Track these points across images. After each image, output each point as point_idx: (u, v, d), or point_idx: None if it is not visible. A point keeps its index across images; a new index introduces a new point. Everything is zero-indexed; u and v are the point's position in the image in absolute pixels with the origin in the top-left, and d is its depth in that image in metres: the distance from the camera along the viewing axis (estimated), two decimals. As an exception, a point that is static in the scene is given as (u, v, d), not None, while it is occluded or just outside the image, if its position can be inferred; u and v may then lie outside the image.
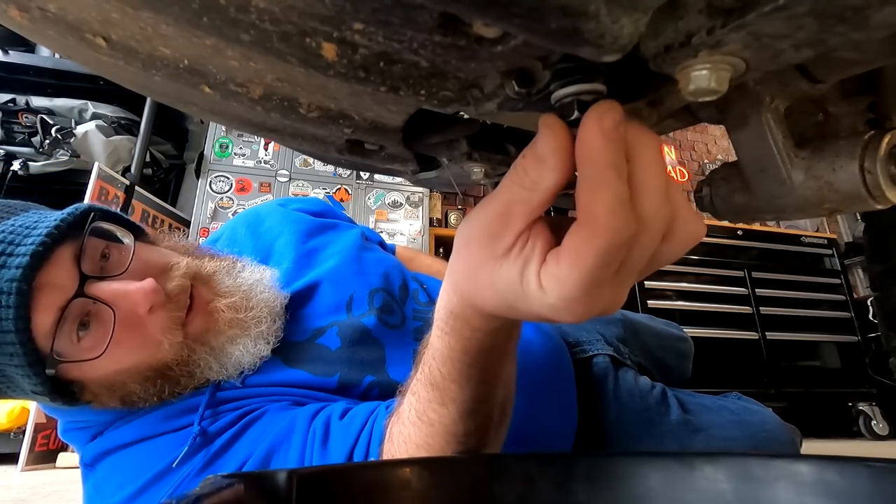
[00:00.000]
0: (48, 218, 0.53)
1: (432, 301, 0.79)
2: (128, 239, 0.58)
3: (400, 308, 0.74)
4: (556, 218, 0.29)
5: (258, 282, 0.65)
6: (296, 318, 0.68)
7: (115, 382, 0.55)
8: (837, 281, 3.07)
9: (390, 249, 0.95)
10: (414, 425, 0.43)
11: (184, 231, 2.60)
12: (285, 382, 0.62)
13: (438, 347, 0.38)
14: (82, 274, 0.52)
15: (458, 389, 0.39)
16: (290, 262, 0.74)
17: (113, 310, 0.52)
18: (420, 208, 3.06)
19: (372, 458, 0.50)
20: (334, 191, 2.97)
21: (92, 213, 0.56)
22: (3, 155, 2.48)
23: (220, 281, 0.62)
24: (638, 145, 0.25)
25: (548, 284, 0.26)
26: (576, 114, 0.26)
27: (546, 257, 0.26)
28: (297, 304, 0.70)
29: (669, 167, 4.15)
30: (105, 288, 0.53)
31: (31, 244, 0.49)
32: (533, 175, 0.26)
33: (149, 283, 0.54)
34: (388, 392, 0.59)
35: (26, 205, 0.58)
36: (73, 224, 0.53)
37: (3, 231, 0.50)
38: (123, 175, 2.47)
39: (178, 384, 0.58)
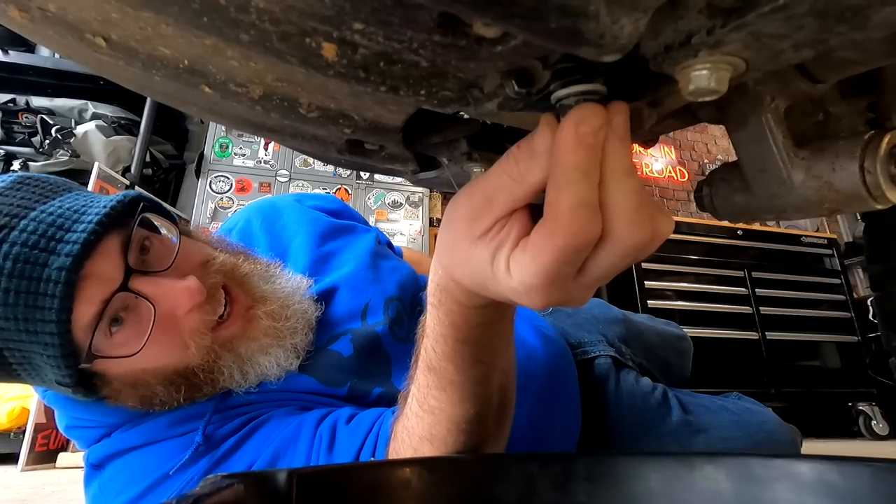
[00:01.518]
0: (97, 203, 0.51)
1: None
2: (173, 234, 0.56)
3: (409, 321, 0.72)
4: (538, 206, 0.29)
5: (296, 290, 0.63)
6: None
7: (139, 381, 0.53)
8: (837, 281, 3.07)
9: (397, 252, 0.93)
10: (416, 416, 0.43)
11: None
12: (295, 389, 0.61)
13: (431, 324, 0.39)
14: (128, 267, 0.50)
15: (454, 369, 0.39)
16: (306, 266, 0.72)
17: (154, 307, 0.50)
18: (420, 208, 3.06)
19: None
20: (334, 191, 2.97)
21: (141, 203, 0.54)
22: (3, 155, 2.48)
23: (256, 285, 0.60)
24: (608, 166, 0.25)
25: (514, 269, 0.27)
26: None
27: (519, 243, 0.27)
28: None
29: (669, 167, 4.15)
30: (150, 284, 0.51)
31: (83, 231, 0.47)
32: (522, 167, 0.27)
33: (193, 282, 0.52)
34: (395, 402, 0.59)
35: (66, 182, 0.55)
36: (122, 212, 0.51)
37: (51, 213, 0.48)
38: (123, 175, 2.47)
39: (200, 391, 0.57)
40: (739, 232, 3.00)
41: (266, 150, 2.97)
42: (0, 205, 0.48)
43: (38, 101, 2.58)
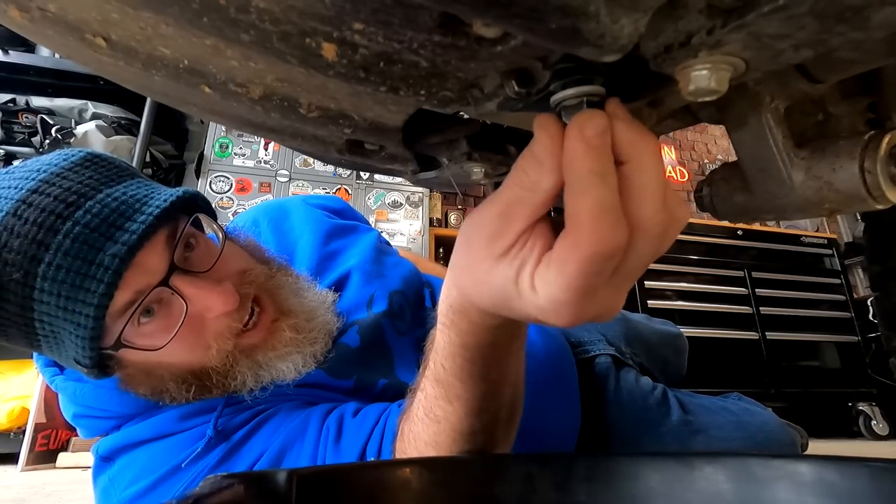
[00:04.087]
0: (157, 195, 0.52)
1: (436, 305, 0.78)
2: (214, 234, 0.57)
3: (411, 314, 0.74)
4: (560, 218, 0.29)
5: (320, 305, 0.64)
6: None
7: (154, 372, 0.54)
8: (837, 281, 3.06)
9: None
10: (422, 422, 0.44)
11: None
12: (303, 382, 0.62)
13: (440, 342, 0.39)
14: (172, 263, 0.51)
15: (461, 386, 0.39)
16: (312, 265, 0.74)
17: (187, 305, 0.51)
18: (420, 208, 3.06)
19: (384, 456, 0.50)
20: (334, 191, 2.96)
21: (196, 202, 0.56)
22: (3, 155, 2.47)
23: (286, 298, 0.61)
24: (636, 148, 0.25)
25: (539, 286, 0.26)
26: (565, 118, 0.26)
27: (542, 259, 0.27)
28: None
29: (669, 167, 4.15)
30: (188, 283, 0.52)
31: (142, 223, 0.48)
32: (532, 176, 0.26)
33: (229, 289, 0.53)
34: (400, 394, 0.60)
35: (129, 167, 0.56)
36: (179, 208, 0.52)
37: (116, 198, 0.49)
38: (123, 175, 2.46)
39: (210, 392, 0.57)
40: (739, 232, 2.99)
41: (266, 150, 2.97)
42: (70, 181, 0.49)
43: (38, 101, 2.57)
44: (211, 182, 2.80)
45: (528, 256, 0.27)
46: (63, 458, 1.97)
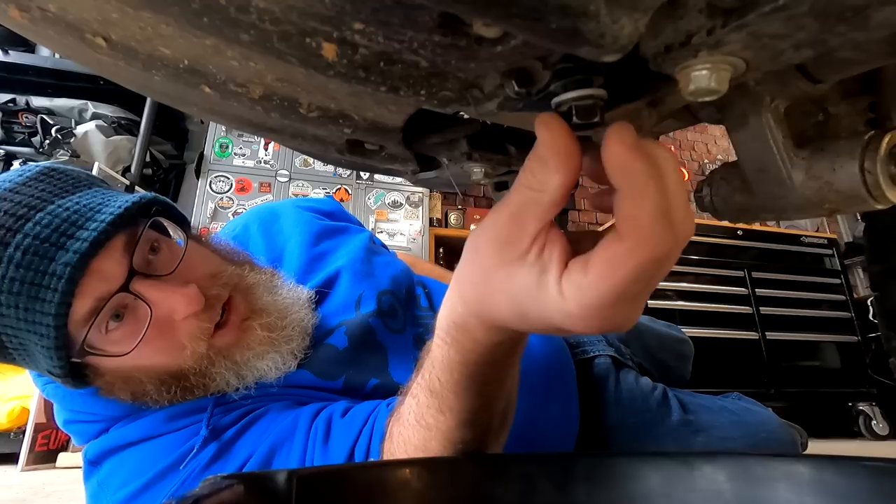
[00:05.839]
0: (113, 202, 0.52)
1: (433, 306, 0.79)
2: (181, 239, 0.57)
3: (404, 313, 0.74)
4: (575, 232, 0.29)
5: (295, 302, 0.64)
6: None
7: (131, 377, 0.55)
8: (837, 281, 3.06)
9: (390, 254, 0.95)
10: (413, 428, 0.43)
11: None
12: (291, 384, 0.62)
13: (438, 356, 0.38)
14: (132, 268, 0.51)
15: (455, 399, 0.39)
16: (300, 266, 0.74)
17: (151, 309, 0.51)
18: (420, 208, 3.06)
19: (372, 457, 0.50)
20: (334, 191, 2.97)
21: (154, 207, 0.56)
22: (3, 155, 2.48)
23: (259, 296, 0.61)
24: (660, 159, 0.25)
25: (569, 292, 0.26)
26: (575, 119, 0.26)
27: (569, 265, 0.26)
28: None
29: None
30: (150, 287, 0.52)
31: (94, 230, 0.48)
32: (540, 176, 0.26)
33: (193, 290, 0.53)
34: (391, 394, 0.59)
35: (90, 177, 0.57)
36: (136, 213, 0.52)
37: (67, 209, 0.49)
38: (123, 175, 2.47)
39: (192, 393, 0.57)
40: (739, 232, 2.99)
41: (266, 150, 2.97)
42: (22, 195, 0.49)
43: (38, 101, 2.57)
44: (211, 182, 2.80)
45: (549, 261, 0.26)
46: (63, 458, 1.98)
